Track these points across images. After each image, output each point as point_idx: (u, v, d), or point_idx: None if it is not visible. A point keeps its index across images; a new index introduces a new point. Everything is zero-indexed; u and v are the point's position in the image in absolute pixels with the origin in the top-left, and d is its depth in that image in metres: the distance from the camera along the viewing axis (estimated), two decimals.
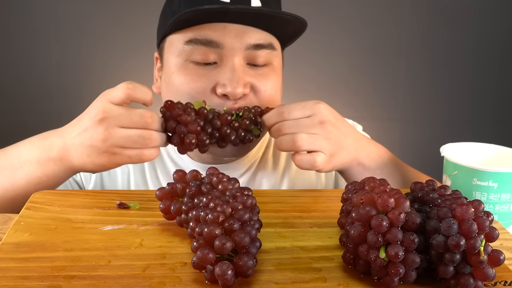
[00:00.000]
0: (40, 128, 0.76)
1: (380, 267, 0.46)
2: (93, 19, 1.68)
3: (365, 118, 0.75)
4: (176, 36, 0.79)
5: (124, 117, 0.66)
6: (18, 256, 0.50)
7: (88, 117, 0.68)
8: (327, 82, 1.83)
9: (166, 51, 0.82)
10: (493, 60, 1.88)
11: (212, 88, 0.77)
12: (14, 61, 1.71)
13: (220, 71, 0.77)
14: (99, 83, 1.74)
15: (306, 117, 0.72)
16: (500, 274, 0.49)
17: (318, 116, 0.72)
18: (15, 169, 0.71)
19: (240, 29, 0.77)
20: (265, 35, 0.79)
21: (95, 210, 0.63)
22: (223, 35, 0.76)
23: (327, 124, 0.72)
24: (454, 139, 0.79)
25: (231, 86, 0.75)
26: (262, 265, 0.50)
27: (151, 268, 0.49)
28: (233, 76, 0.76)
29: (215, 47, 0.76)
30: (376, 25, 1.81)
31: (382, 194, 0.46)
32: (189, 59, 0.78)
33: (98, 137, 0.66)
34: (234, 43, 0.76)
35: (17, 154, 0.72)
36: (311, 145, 0.72)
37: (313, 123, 0.72)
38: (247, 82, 0.77)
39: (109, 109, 0.67)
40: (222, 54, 0.77)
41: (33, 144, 0.72)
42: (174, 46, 0.79)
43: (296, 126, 0.72)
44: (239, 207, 0.48)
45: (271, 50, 0.80)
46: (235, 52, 0.77)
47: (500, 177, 0.67)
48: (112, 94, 0.68)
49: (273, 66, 0.81)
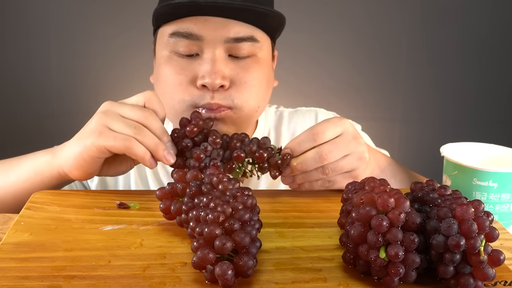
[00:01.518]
0: (37, 129, 0.76)
1: (380, 267, 0.46)
2: (90, 19, 1.67)
3: (365, 118, 0.75)
4: (163, 29, 0.81)
5: (126, 107, 0.66)
6: (18, 256, 0.50)
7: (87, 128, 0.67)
8: (327, 82, 1.82)
9: (157, 43, 0.84)
10: (493, 60, 1.87)
11: (192, 80, 0.78)
12: (9, 61, 1.71)
13: (200, 63, 0.78)
14: (95, 84, 1.74)
15: (338, 135, 0.69)
16: (500, 274, 0.49)
17: (350, 133, 0.69)
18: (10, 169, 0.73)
19: (221, 22, 0.77)
20: (247, 27, 0.79)
21: (95, 210, 0.63)
22: (203, 28, 0.77)
23: (359, 138, 0.70)
24: (454, 139, 0.79)
25: (209, 77, 0.76)
26: (262, 265, 0.50)
27: (151, 268, 0.49)
28: (211, 68, 0.76)
29: (196, 39, 0.78)
30: (376, 25, 1.81)
31: (382, 194, 0.46)
32: (173, 51, 0.80)
33: (95, 119, 0.66)
34: (214, 35, 0.77)
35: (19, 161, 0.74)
36: (345, 170, 0.70)
37: (348, 141, 0.69)
38: (226, 75, 0.77)
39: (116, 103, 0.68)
40: (203, 46, 0.78)
41: (35, 155, 0.74)
42: (161, 39, 0.82)
43: (335, 148, 0.68)
44: (239, 207, 0.48)
45: (253, 43, 0.80)
46: (215, 45, 0.77)
47: (500, 177, 0.67)
48: (131, 98, 0.69)
49: (257, 58, 0.81)
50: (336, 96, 1.82)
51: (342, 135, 0.69)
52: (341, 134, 0.69)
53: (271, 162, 0.68)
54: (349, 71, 1.83)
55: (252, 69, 0.80)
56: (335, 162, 0.68)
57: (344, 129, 0.69)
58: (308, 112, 1.01)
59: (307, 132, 0.68)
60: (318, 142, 0.67)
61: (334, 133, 0.68)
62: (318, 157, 0.67)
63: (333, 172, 0.69)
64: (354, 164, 0.69)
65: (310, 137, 0.68)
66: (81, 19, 1.69)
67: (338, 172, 0.69)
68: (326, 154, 0.67)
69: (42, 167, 0.71)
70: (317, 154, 0.67)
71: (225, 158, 0.69)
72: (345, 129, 0.69)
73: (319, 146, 0.67)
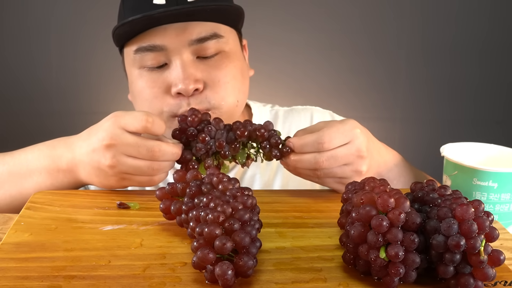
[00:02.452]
0: (38, 128, 0.77)
1: (380, 267, 0.46)
2: (91, 18, 1.67)
3: (365, 118, 0.75)
4: (127, 47, 0.81)
5: (133, 149, 0.65)
6: (18, 256, 0.50)
7: (96, 138, 0.66)
8: (327, 82, 1.82)
9: (125, 62, 0.85)
10: (493, 60, 1.87)
11: (166, 90, 0.78)
12: (11, 61, 1.71)
13: (170, 72, 0.78)
14: (97, 84, 1.74)
15: (343, 144, 0.69)
16: (500, 274, 0.49)
17: (355, 145, 0.69)
18: (23, 178, 0.71)
19: (180, 27, 0.77)
20: (208, 25, 0.79)
21: (95, 210, 0.63)
22: (164, 38, 0.77)
23: (362, 153, 0.69)
24: (454, 139, 0.79)
25: (182, 83, 0.76)
26: (262, 265, 0.50)
27: (151, 268, 0.49)
28: (182, 74, 0.77)
29: (160, 50, 0.78)
30: (376, 25, 1.81)
31: (382, 194, 0.46)
32: (142, 66, 0.80)
33: (106, 162, 0.65)
34: (177, 42, 0.77)
35: (25, 162, 0.72)
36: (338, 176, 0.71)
37: (350, 153, 0.69)
38: (198, 78, 0.77)
39: (118, 136, 0.65)
40: (169, 55, 0.78)
41: (41, 152, 0.72)
42: (128, 57, 0.82)
43: (334, 158, 0.68)
44: (239, 207, 0.48)
45: (217, 39, 0.80)
46: (180, 50, 0.77)
47: (500, 177, 0.67)
48: (127, 121, 0.65)
49: (225, 53, 0.81)
50: (335, 97, 1.82)
51: (347, 146, 0.68)
52: (347, 144, 0.68)
53: (271, 142, 0.69)
54: (348, 72, 1.83)
55: (223, 65, 0.80)
56: (329, 169, 0.69)
57: (352, 139, 0.69)
58: (304, 110, 1.00)
59: (315, 137, 0.67)
60: (321, 151, 0.68)
61: (340, 142, 0.68)
62: (314, 162, 0.68)
63: (325, 176, 0.69)
64: (347, 174, 0.70)
65: (316, 145, 0.67)
66: (83, 18, 1.69)
67: (329, 177, 0.70)
68: (323, 162, 0.67)
69: (65, 184, 0.71)
70: (314, 160, 0.68)
71: (229, 138, 0.69)
72: (353, 139, 0.69)
73: (319, 153, 0.68)
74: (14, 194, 0.72)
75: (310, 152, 0.68)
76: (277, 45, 1.78)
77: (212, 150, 0.69)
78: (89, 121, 0.70)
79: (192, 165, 0.69)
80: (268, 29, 1.74)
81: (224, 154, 0.69)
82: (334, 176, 0.70)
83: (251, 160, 0.72)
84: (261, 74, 1.78)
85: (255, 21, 1.73)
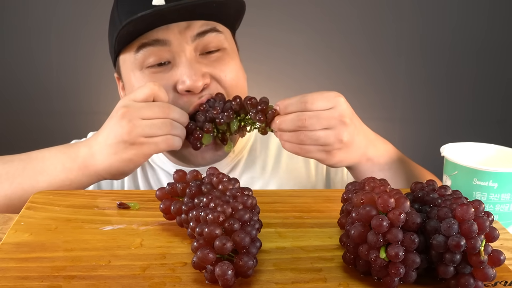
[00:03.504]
0: (39, 128, 0.77)
1: (380, 267, 0.46)
2: (92, 18, 1.67)
3: (364, 118, 0.75)
4: (125, 52, 0.81)
5: (145, 109, 0.70)
6: (18, 256, 0.50)
7: (111, 118, 0.71)
8: (326, 83, 1.82)
9: (122, 69, 0.84)
10: (493, 60, 1.87)
11: (173, 88, 0.78)
12: (11, 61, 1.71)
13: (176, 69, 0.78)
14: (98, 83, 1.74)
15: (327, 109, 0.71)
16: (500, 274, 0.49)
17: (338, 110, 0.71)
18: (38, 173, 0.72)
19: (182, 24, 0.78)
20: (208, 22, 0.80)
21: (95, 210, 0.63)
22: (168, 33, 0.77)
23: (345, 118, 0.72)
24: (454, 139, 0.79)
25: (190, 79, 0.76)
26: (262, 265, 0.50)
27: (151, 268, 0.49)
28: (189, 70, 0.77)
29: (164, 45, 0.78)
30: (375, 25, 1.81)
31: (382, 194, 0.46)
32: (144, 66, 0.79)
33: (123, 130, 0.69)
34: (180, 38, 0.78)
35: (42, 159, 0.73)
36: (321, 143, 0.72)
37: (332, 116, 0.71)
38: (205, 73, 0.78)
39: (130, 104, 0.70)
40: (173, 52, 0.78)
41: (58, 150, 0.74)
42: (127, 61, 0.81)
43: (316, 117, 0.70)
44: (239, 207, 0.48)
45: (217, 33, 0.80)
46: (184, 46, 0.78)
47: (500, 177, 0.67)
48: (136, 94, 0.72)
49: (226, 50, 0.82)
50: None
51: (330, 110, 0.71)
52: (330, 109, 0.71)
53: (258, 109, 0.74)
54: (347, 72, 1.83)
55: (225, 61, 0.81)
56: (312, 131, 0.70)
57: (335, 105, 0.71)
58: None
59: (299, 97, 0.72)
60: (304, 110, 0.70)
61: (323, 106, 0.71)
62: (297, 120, 0.70)
63: (308, 140, 0.71)
64: (330, 140, 0.71)
65: (299, 104, 0.71)
66: (83, 18, 1.69)
67: (313, 141, 0.71)
68: (305, 119, 0.70)
69: (80, 179, 0.73)
70: (297, 117, 0.70)
71: (225, 108, 0.76)
72: (336, 105, 0.71)
73: (301, 112, 0.70)
74: (26, 187, 0.72)
75: (293, 112, 0.71)
76: (277, 46, 1.78)
77: (210, 117, 0.76)
78: (89, 121, 0.71)
79: (197, 134, 0.76)
80: (267, 30, 1.74)
81: (219, 121, 0.75)
82: (317, 142, 0.71)
83: (244, 129, 0.78)
84: (260, 75, 1.79)
85: (254, 21, 1.73)
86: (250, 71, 0.89)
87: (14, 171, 0.72)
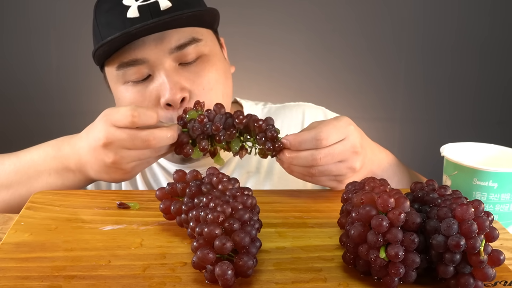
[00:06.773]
0: (39, 128, 0.77)
1: (380, 267, 0.46)
2: (92, 18, 1.67)
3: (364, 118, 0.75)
4: (108, 67, 0.82)
5: (128, 143, 0.66)
6: (18, 256, 0.50)
7: (93, 139, 0.67)
8: (326, 83, 1.82)
9: (108, 79, 0.84)
10: (493, 60, 1.87)
11: (156, 103, 0.78)
12: (11, 61, 1.71)
13: (156, 84, 0.78)
14: (98, 84, 1.73)
15: (339, 141, 0.69)
16: (500, 274, 0.49)
17: (350, 141, 0.69)
18: (32, 178, 0.72)
19: (158, 37, 0.77)
20: (185, 31, 0.79)
21: (95, 210, 0.63)
22: (144, 50, 0.77)
23: (357, 148, 0.70)
24: (454, 139, 0.79)
25: (169, 93, 0.76)
26: (262, 265, 0.50)
27: (151, 268, 0.49)
28: (167, 83, 0.77)
29: (142, 63, 0.78)
30: (375, 25, 1.81)
31: (382, 194, 0.46)
32: (126, 81, 0.80)
33: (109, 160, 0.67)
34: (157, 52, 0.77)
35: (32, 163, 0.72)
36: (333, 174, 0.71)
37: (345, 149, 0.69)
38: (184, 87, 0.78)
39: (112, 134, 0.65)
40: (152, 66, 0.78)
41: (47, 154, 0.72)
42: (111, 75, 0.82)
43: (331, 155, 0.68)
44: (239, 207, 0.48)
45: (196, 44, 0.80)
46: (162, 60, 0.77)
47: (500, 177, 0.67)
48: (115, 118, 0.66)
49: (206, 56, 0.81)
50: (334, 97, 1.82)
51: (342, 142, 0.69)
52: (342, 140, 0.69)
53: (267, 135, 0.68)
54: (347, 72, 1.83)
55: (205, 71, 0.80)
56: (325, 166, 0.68)
57: (347, 135, 0.69)
58: (296, 107, 1.00)
59: (313, 134, 0.67)
60: (319, 147, 0.67)
61: (336, 139, 0.68)
62: (312, 159, 0.67)
63: (320, 174, 0.69)
64: (342, 171, 0.70)
65: (314, 142, 0.67)
66: (83, 18, 1.68)
67: (324, 175, 0.70)
68: (320, 159, 0.67)
69: (76, 182, 0.72)
70: (311, 156, 0.67)
71: (227, 124, 0.68)
72: (348, 135, 0.69)
73: (316, 150, 0.67)
74: (23, 193, 0.72)
75: (307, 149, 0.68)
76: (276, 45, 1.77)
77: (208, 133, 0.68)
78: (89, 121, 0.70)
79: (186, 150, 0.68)
80: (266, 29, 1.74)
81: (219, 139, 0.68)
82: (329, 174, 0.70)
83: (245, 151, 0.70)
84: (260, 75, 1.79)
85: (254, 21, 1.74)
86: (250, 71, 0.89)
87: (8, 177, 0.73)
